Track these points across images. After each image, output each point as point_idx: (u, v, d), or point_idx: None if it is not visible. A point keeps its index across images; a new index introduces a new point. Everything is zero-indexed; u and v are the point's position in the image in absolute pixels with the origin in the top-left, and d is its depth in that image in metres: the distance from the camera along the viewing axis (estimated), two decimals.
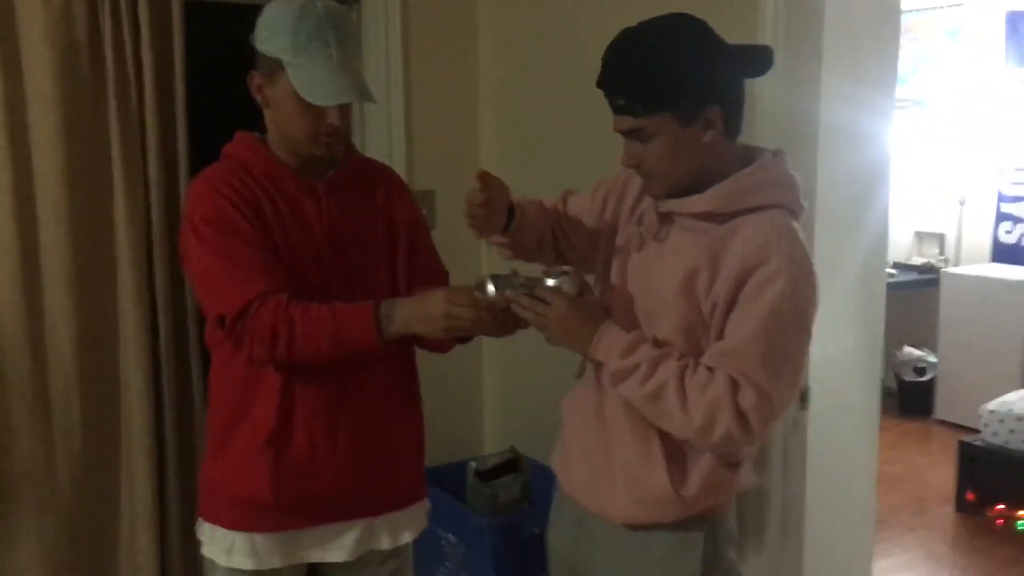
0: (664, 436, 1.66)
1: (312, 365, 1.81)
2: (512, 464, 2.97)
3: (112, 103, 2.63)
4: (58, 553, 2.71)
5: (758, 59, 1.63)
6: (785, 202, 1.62)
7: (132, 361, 2.70)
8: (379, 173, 2.07)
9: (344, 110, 1.81)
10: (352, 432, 1.90)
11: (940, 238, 5.96)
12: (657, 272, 1.67)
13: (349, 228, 1.91)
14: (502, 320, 1.72)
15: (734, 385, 1.53)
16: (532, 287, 1.67)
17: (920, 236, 6.03)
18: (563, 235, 1.91)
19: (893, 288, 5.48)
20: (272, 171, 1.87)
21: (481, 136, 3.36)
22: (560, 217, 1.92)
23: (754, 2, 2.29)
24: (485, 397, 3.49)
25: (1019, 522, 4.20)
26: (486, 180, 1.73)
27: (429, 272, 2.01)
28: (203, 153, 2.22)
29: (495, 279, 1.68)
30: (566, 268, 1.71)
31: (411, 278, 1.97)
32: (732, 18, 2.34)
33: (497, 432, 3.44)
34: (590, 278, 1.80)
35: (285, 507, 1.88)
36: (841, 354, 2.83)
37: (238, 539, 1.89)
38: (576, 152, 2.89)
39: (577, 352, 1.70)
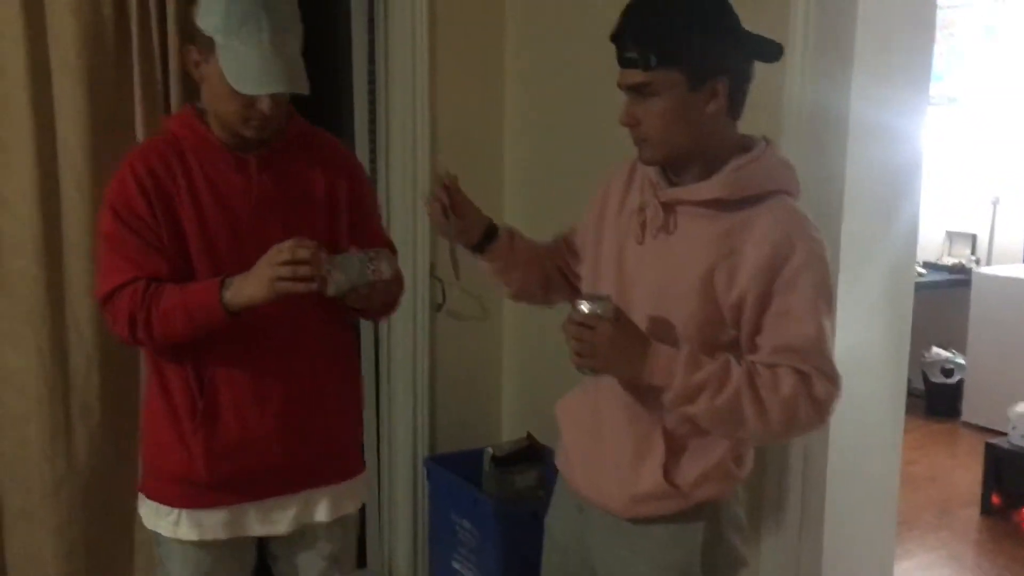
0: (667, 432, 1.66)
1: (174, 343, 1.82)
2: (529, 452, 2.95)
3: (136, 75, 2.61)
4: (74, 527, 2.71)
5: (771, 46, 1.63)
6: (789, 187, 1.65)
7: None
8: (321, 147, 2.00)
9: (276, 97, 1.77)
10: (282, 406, 1.89)
11: (972, 238, 5.87)
12: (670, 264, 1.64)
13: (280, 205, 1.88)
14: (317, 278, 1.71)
15: (803, 378, 1.55)
16: (366, 258, 1.74)
17: (951, 236, 5.95)
18: (573, 273, 1.89)
19: (923, 288, 5.42)
20: (201, 145, 1.85)
21: (505, 123, 3.33)
22: (565, 252, 1.91)
23: None
24: (504, 383, 3.46)
25: None
26: (450, 185, 1.74)
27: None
28: None
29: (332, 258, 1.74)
30: (602, 294, 1.65)
31: None
32: (763, 11, 2.30)
33: (514, 419, 3.41)
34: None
35: (222, 485, 1.89)
36: (867, 351, 2.78)
37: (183, 514, 1.92)
38: (603, 143, 2.84)
39: (625, 376, 1.65)
